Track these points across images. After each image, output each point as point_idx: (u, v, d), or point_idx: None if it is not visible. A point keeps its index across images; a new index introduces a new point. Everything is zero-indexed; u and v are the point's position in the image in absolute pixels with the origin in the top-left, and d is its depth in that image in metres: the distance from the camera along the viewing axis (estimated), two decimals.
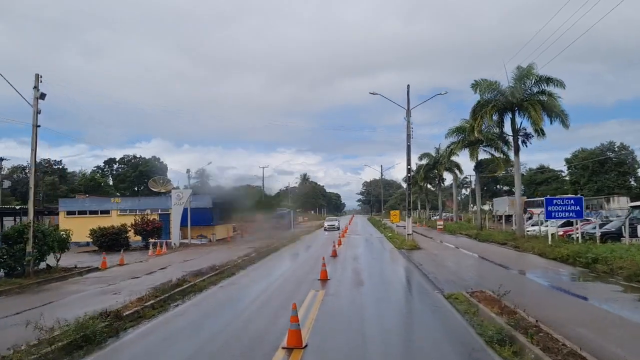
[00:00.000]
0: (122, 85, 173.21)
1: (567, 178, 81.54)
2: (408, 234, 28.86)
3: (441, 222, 49.51)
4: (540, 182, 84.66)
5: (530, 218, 56.02)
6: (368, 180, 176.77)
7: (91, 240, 32.02)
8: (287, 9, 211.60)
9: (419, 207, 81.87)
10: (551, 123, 29.96)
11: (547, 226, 31.06)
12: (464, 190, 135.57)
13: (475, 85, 30.76)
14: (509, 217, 56.82)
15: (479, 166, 41.07)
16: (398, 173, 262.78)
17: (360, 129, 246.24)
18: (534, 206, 60.63)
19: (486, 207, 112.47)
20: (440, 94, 31.97)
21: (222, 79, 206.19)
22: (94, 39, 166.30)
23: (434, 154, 59.16)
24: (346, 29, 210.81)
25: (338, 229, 50.41)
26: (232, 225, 46.48)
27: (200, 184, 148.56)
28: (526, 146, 30.38)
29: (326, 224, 55.10)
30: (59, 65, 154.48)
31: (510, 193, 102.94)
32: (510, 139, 36.95)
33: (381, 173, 62.35)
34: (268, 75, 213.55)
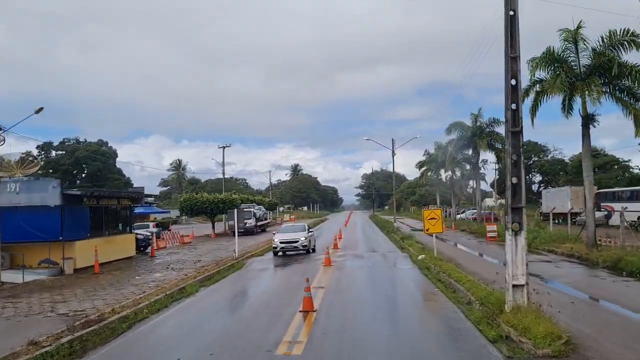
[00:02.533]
0: (119, 81, 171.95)
1: (631, 163, 62.56)
2: (513, 285, 9.27)
3: (494, 228, 30.32)
4: (595, 168, 65.17)
5: (607, 216, 38.23)
6: (368, 173, 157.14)
7: None
8: (285, 3, 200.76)
9: (438, 203, 62.50)
10: None
11: None
12: (472, 182, 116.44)
13: None
14: (574, 216, 39.23)
15: (590, 120, 21.41)
16: (401, 168, 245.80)
17: (359, 123, 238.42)
18: (611, 200, 42.16)
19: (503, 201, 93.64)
20: None
21: (220, 74, 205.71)
22: (90, 33, 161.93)
23: (469, 123, 39.93)
24: (345, 22, 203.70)
25: (308, 249, 23.65)
26: (143, 236, 27.24)
27: (176, 177, 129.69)
28: None
29: (277, 238, 23.91)
30: (54, 60, 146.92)
31: (547, 183, 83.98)
32: None
33: (392, 151, 41.90)
34: (267, 70, 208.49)
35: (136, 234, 26.41)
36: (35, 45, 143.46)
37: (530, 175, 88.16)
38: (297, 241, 23.03)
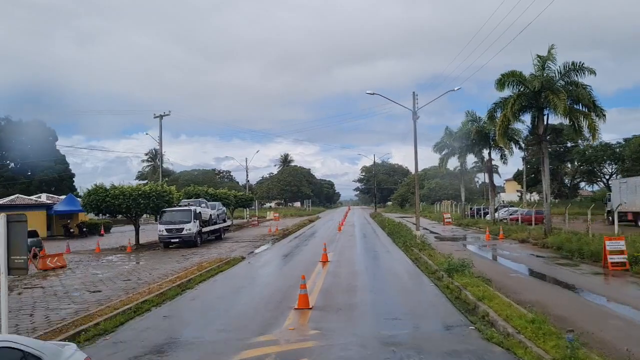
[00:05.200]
0: (116, 74, 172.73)
1: None
2: None
3: (622, 245, 15.65)
4: None
5: None
6: (367, 165, 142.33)
7: None
8: None
9: (463, 200, 47.55)
10: None
11: None
12: (482, 176, 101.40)
13: None
14: None
15: None
16: (402, 160, 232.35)
17: (358, 118, 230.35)
18: None
19: (530, 197, 78.75)
20: None
21: (218, 68, 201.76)
22: (87, 26, 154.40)
23: (535, 72, 25.10)
24: (344, 15, 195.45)
25: None
26: None
27: (152, 169, 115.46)
28: None
29: None
30: (50, 53, 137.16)
31: (589, 174, 69.17)
32: None
33: (414, 111, 26.79)
34: (265, 64, 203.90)
35: None
36: (32, 37, 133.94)
37: (562, 164, 73.38)
38: None
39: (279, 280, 14.96)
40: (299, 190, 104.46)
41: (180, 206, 28.31)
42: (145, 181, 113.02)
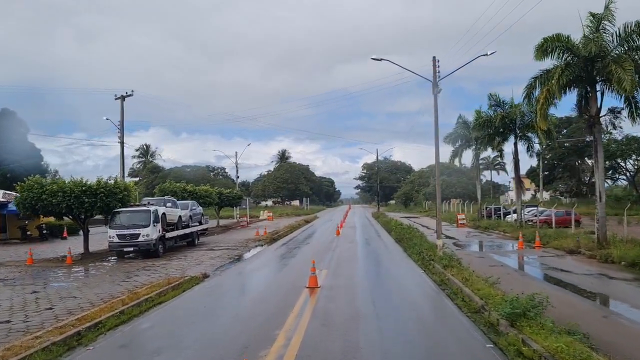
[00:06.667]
0: (116, 73, 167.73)
1: None
2: None
3: None
4: None
5: None
6: (369, 162, 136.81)
7: None
8: None
9: (480, 198, 41.94)
10: None
11: None
12: (491, 174, 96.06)
13: None
14: None
15: None
16: (403, 158, 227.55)
17: (359, 116, 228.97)
18: None
19: (545, 195, 73.26)
20: None
21: (218, 68, 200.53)
22: (86, 24, 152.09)
23: (588, 34, 19.49)
24: (344, 15, 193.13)
25: None
26: None
27: (143, 165, 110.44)
28: None
29: None
30: (50, 52, 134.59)
31: (613, 170, 63.53)
32: None
33: (435, 81, 21.03)
34: (265, 63, 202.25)
35: None
36: (32, 35, 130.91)
37: (581, 160, 67.70)
38: None
39: (236, 326, 9.43)
40: (296, 188, 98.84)
41: (138, 206, 22.83)
42: (136, 178, 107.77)
